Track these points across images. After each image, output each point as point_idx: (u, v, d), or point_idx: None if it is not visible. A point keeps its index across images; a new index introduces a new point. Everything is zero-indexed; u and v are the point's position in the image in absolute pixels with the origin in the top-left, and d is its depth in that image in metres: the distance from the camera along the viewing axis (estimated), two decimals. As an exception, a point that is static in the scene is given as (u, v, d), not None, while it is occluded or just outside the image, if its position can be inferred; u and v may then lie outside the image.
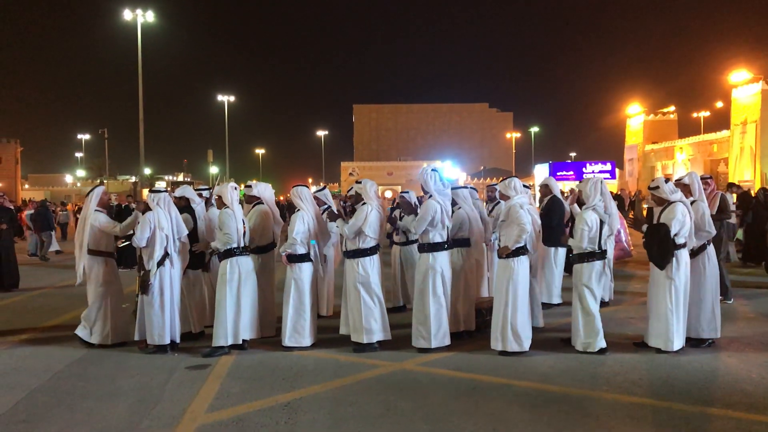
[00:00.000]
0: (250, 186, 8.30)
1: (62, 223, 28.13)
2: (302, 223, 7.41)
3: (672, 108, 65.64)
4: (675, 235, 6.90)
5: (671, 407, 5.42)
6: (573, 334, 7.22)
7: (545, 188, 9.54)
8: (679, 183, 7.58)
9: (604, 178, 7.69)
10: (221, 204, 7.36)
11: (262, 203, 8.10)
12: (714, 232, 7.44)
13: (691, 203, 7.33)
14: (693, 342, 7.23)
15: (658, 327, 6.99)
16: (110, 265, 7.83)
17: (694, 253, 7.30)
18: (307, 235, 7.45)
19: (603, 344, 6.99)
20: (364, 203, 7.39)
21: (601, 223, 7.10)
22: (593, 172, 49.91)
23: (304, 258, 7.49)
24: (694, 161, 52.75)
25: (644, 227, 7.25)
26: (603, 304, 9.50)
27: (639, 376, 6.27)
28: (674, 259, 6.91)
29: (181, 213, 7.70)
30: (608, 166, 54.61)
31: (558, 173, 55.36)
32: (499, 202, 9.28)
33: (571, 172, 55.11)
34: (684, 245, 6.99)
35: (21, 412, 5.53)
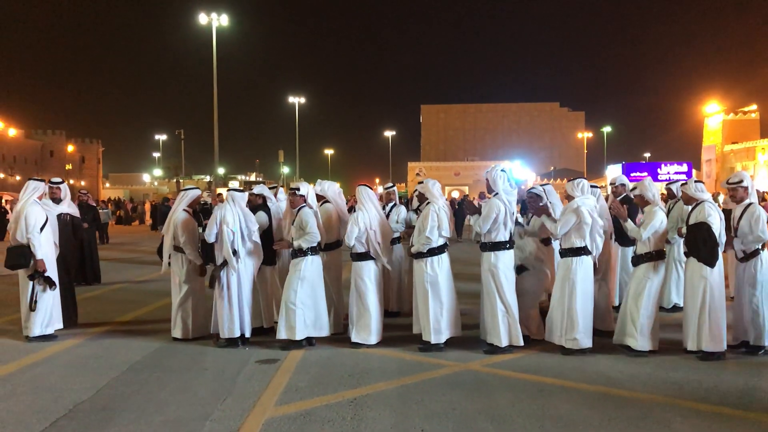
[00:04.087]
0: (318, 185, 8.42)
1: (103, 223, 23.92)
2: (356, 225, 7.48)
3: (754, 107, 63.04)
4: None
5: (748, 417, 5.23)
6: (616, 329, 7.24)
7: (622, 187, 9.34)
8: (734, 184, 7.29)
9: (680, 180, 7.47)
10: (301, 202, 7.51)
11: (328, 202, 8.23)
12: (767, 237, 6.98)
13: (748, 206, 7.10)
14: (750, 348, 7.06)
15: (695, 327, 6.86)
16: (192, 262, 8.05)
17: (746, 258, 7.07)
18: (363, 235, 7.51)
19: (648, 346, 6.93)
20: (429, 202, 7.40)
21: None
22: (668, 173, 48.54)
23: (364, 257, 7.56)
24: (777, 162, 50.47)
25: (683, 229, 7.02)
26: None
27: (714, 383, 6.06)
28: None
29: (257, 210, 7.93)
30: (684, 167, 52.97)
31: (632, 174, 54.08)
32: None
33: (645, 173, 53.63)
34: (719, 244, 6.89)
35: (101, 400, 5.80)
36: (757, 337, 7.03)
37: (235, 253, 7.48)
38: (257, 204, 8.12)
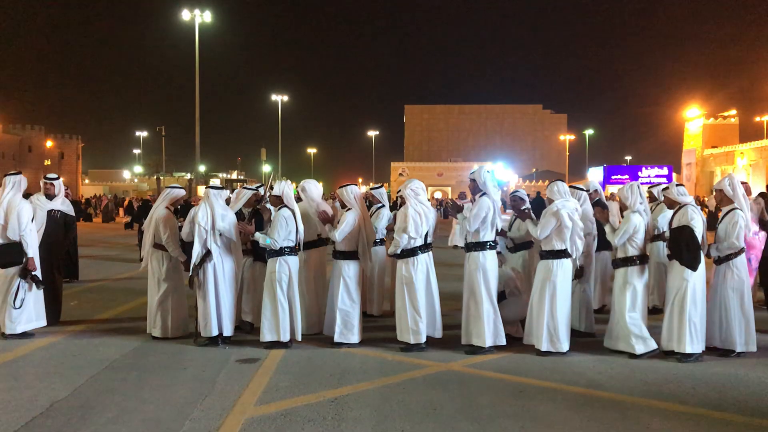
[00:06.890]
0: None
1: None
2: (351, 223, 7.46)
3: (733, 111, 63.88)
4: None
5: (725, 418, 5.28)
6: (606, 335, 7.29)
7: (595, 192, 9.37)
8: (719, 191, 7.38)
9: (661, 183, 7.53)
10: (278, 202, 7.46)
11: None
12: (741, 245, 7.07)
13: (729, 211, 7.17)
14: (721, 352, 7.13)
15: (673, 329, 6.96)
16: (173, 260, 7.96)
17: (719, 261, 7.18)
18: (355, 233, 7.50)
19: (639, 350, 6.95)
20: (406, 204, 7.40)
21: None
22: (649, 176, 48.98)
23: (351, 255, 7.55)
24: (756, 167, 51.16)
25: (666, 233, 7.13)
26: (657, 310, 9.34)
27: (693, 385, 6.11)
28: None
29: (255, 212, 8.01)
30: (665, 171, 53.46)
31: (613, 177, 54.57)
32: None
33: (627, 176, 54.08)
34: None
35: (79, 398, 5.73)
36: (726, 341, 7.10)
37: (208, 252, 7.42)
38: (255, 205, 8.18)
